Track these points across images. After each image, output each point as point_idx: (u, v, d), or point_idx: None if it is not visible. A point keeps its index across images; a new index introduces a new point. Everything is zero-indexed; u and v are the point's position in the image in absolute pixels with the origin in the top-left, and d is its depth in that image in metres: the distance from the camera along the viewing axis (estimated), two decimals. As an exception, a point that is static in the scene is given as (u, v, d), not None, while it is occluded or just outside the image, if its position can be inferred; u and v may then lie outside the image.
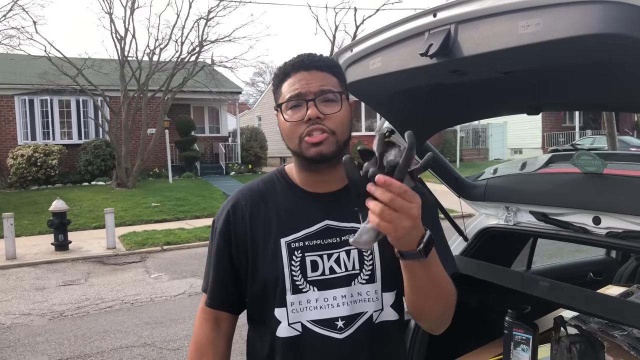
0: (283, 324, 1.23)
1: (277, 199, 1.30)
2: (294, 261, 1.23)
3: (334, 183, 1.27)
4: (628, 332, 2.01)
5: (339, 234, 1.24)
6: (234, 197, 1.34)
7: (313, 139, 1.18)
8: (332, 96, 1.21)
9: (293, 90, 1.21)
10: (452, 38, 1.26)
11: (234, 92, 21.40)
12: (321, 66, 1.24)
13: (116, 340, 5.08)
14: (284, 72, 1.26)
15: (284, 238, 1.24)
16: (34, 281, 7.57)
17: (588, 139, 22.90)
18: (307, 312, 1.22)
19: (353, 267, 1.24)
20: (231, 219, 1.29)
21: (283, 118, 1.23)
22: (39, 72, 15.99)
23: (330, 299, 1.22)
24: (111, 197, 14.47)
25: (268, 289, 1.25)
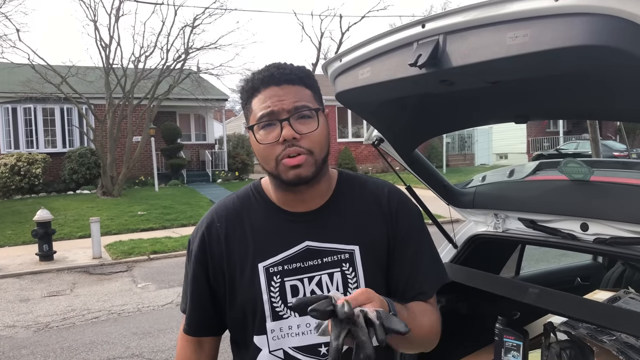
0: (264, 351, 1.17)
1: (253, 218, 1.21)
2: (272, 287, 1.16)
3: (313, 201, 1.20)
4: (616, 337, 2.03)
5: (319, 255, 1.17)
6: (208, 217, 1.25)
7: (292, 160, 1.10)
8: (308, 112, 1.12)
9: (264, 108, 1.11)
10: (440, 49, 1.28)
11: (220, 99, 21.35)
12: (293, 79, 1.13)
13: (103, 352, 5.01)
14: (253, 87, 1.15)
15: (262, 262, 1.16)
16: (18, 292, 7.45)
17: (572, 143, 23.20)
18: (288, 338, 1.16)
19: (337, 291, 1.17)
20: (206, 241, 1.21)
21: (255, 139, 1.13)
22: (22, 80, 15.83)
23: (312, 324, 1.15)
24: (97, 206, 14.32)
25: (247, 315, 1.18)
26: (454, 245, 2.27)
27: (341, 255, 1.18)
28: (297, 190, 1.16)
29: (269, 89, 1.12)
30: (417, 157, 2.15)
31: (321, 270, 1.17)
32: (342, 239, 1.18)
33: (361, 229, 1.20)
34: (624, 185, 1.64)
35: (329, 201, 1.21)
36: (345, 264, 1.18)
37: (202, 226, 1.24)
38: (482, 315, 2.17)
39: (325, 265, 1.17)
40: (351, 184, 1.26)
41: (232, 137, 22.41)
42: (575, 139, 24.56)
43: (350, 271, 1.18)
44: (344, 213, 1.21)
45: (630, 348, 1.98)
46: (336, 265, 1.17)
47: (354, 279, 1.18)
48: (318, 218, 1.19)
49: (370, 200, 1.24)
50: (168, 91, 17.12)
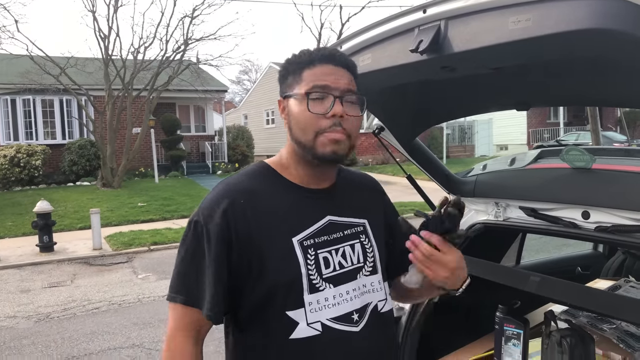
0: (301, 324, 1.17)
1: (274, 195, 1.22)
2: (309, 260, 1.18)
3: (326, 181, 1.27)
4: (617, 326, 2.03)
5: (341, 228, 1.25)
6: (225, 194, 1.20)
7: (335, 135, 1.15)
8: (356, 99, 1.20)
9: (321, 81, 1.16)
10: (442, 34, 1.26)
11: (220, 91, 21.30)
12: (349, 66, 1.22)
13: (104, 342, 5.03)
14: (309, 60, 1.19)
15: (295, 237, 1.18)
16: (19, 283, 7.46)
17: (572, 134, 23.17)
18: (325, 310, 1.18)
19: (358, 261, 1.25)
20: (230, 218, 1.16)
21: (303, 107, 1.16)
22: (21, 72, 15.77)
23: (344, 293, 1.21)
24: (96, 198, 14.33)
25: (278, 291, 1.17)
26: (454, 234, 2.26)
27: (357, 228, 1.28)
28: (323, 167, 1.23)
29: (327, 67, 1.18)
30: (418, 145, 2.14)
31: (344, 242, 1.25)
32: (354, 214, 1.29)
33: (364, 205, 1.33)
34: (625, 173, 1.63)
35: (336, 181, 1.31)
36: (362, 235, 1.28)
37: (222, 203, 1.18)
38: (483, 304, 2.17)
39: (346, 237, 1.25)
40: (341, 169, 1.36)
41: (232, 129, 22.37)
42: (575, 130, 24.52)
43: (367, 242, 1.29)
44: (349, 192, 1.32)
45: (631, 336, 1.98)
46: (355, 237, 1.27)
47: (370, 248, 1.29)
48: (334, 195, 1.28)
49: (362, 183, 1.40)
50: (167, 82, 17.07)
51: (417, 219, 1.20)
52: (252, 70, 46.65)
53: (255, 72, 44.46)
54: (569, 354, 1.72)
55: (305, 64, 1.19)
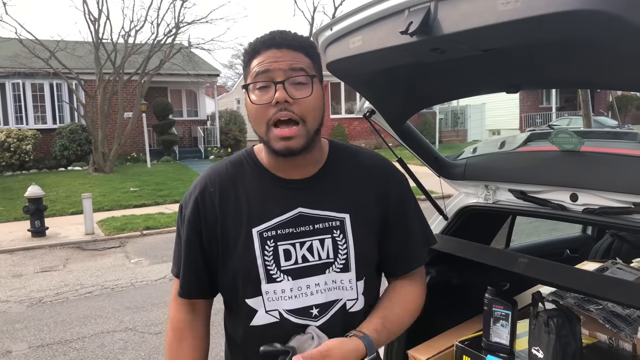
0: (260, 312, 1.20)
1: (246, 184, 1.23)
2: (266, 251, 1.19)
3: (306, 169, 1.23)
4: (603, 306, 2.06)
5: (311, 221, 1.21)
6: (201, 182, 1.26)
7: (283, 132, 1.12)
8: (303, 79, 1.14)
9: (260, 66, 1.13)
10: (432, 16, 1.26)
11: (212, 75, 21.15)
12: (294, 45, 1.15)
13: (97, 326, 5.05)
14: (254, 49, 1.16)
15: (256, 228, 1.19)
16: (11, 268, 7.45)
17: (564, 119, 23.25)
18: (282, 301, 1.19)
19: (327, 256, 1.21)
20: (200, 207, 1.22)
21: (248, 99, 1.15)
22: (10, 55, 15.58)
23: (304, 287, 1.19)
24: (88, 182, 14.27)
25: (239, 280, 1.21)
26: (444, 217, 2.28)
27: (332, 223, 1.22)
28: (285, 159, 1.19)
29: (269, 51, 1.14)
30: (409, 129, 2.14)
31: (313, 236, 1.21)
32: (333, 207, 1.22)
33: (353, 198, 1.25)
34: (613, 155, 1.64)
35: (322, 169, 1.25)
36: (336, 230, 1.22)
37: (196, 191, 1.24)
38: (472, 286, 2.19)
39: (316, 231, 1.21)
40: (342, 154, 1.30)
41: (224, 113, 22.26)
42: (567, 115, 24.60)
43: (341, 238, 1.22)
44: (337, 182, 1.25)
45: (617, 317, 2.02)
46: (327, 232, 1.21)
47: (344, 245, 1.22)
48: (311, 185, 1.23)
49: (362, 171, 1.29)
50: (159, 66, 16.93)
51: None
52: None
53: (248, 56, 43.93)
54: (556, 334, 1.74)
55: (251, 53, 1.17)
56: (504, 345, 1.97)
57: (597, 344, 2.00)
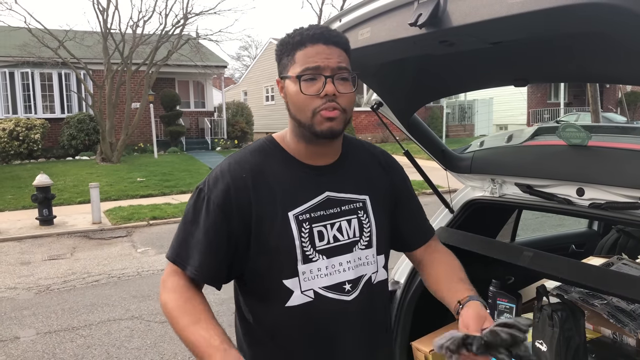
0: (295, 292, 1.26)
1: (276, 171, 1.29)
2: (303, 233, 1.26)
3: (329, 156, 1.33)
4: (607, 301, 2.06)
5: (338, 204, 1.31)
6: (230, 167, 1.28)
7: (329, 113, 1.21)
8: (347, 75, 1.24)
9: (311, 62, 1.21)
10: (441, 8, 1.26)
11: (220, 66, 21.14)
12: (339, 42, 1.25)
13: (104, 314, 5.10)
14: (300, 41, 1.23)
15: (291, 211, 1.26)
16: (19, 255, 7.53)
17: (572, 115, 23.09)
18: (318, 279, 1.27)
19: (354, 235, 1.32)
20: (232, 192, 1.24)
21: (297, 89, 1.22)
22: (19, 44, 15.64)
23: (337, 265, 1.29)
24: (96, 172, 14.35)
25: (275, 262, 1.25)
26: (450, 210, 2.28)
27: (356, 204, 1.34)
28: (322, 144, 1.29)
29: (317, 46, 1.22)
30: (416, 121, 2.15)
31: (340, 217, 1.31)
32: (355, 190, 1.35)
33: (368, 181, 1.38)
34: (621, 150, 1.64)
35: (341, 157, 1.36)
36: (360, 211, 1.34)
37: (226, 176, 1.27)
38: (477, 279, 2.20)
39: (343, 212, 1.32)
40: (351, 144, 1.42)
41: (232, 105, 22.27)
42: (576, 111, 24.43)
43: (365, 217, 1.34)
44: (353, 167, 1.37)
45: (621, 312, 2.02)
46: (353, 212, 1.33)
47: (367, 224, 1.35)
48: (334, 171, 1.33)
49: (370, 157, 1.43)
50: (167, 57, 16.94)
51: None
52: (252, 46, 46.24)
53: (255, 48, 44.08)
54: (560, 328, 1.75)
55: (297, 44, 1.23)
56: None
57: (601, 339, 2.00)
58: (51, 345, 4.40)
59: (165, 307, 1.25)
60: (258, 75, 28.09)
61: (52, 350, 4.30)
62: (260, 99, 27.82)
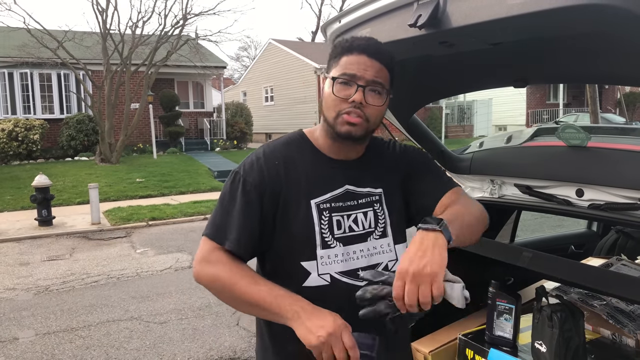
0: (313, 274, 1.34)
1: (304, 162, 1.40)
2: (323, 220, 1.36)
3: (354, 152, 1.43)
4: (607, 302, 2.07)
5: (356, 197, 1.41)
6: (264, 155, 1.40)
7: (351, 118, 1.30)
8: (381, 89, 1.32)
9: (350, 69, 1.30)
10: (440, 9, 1.26)
11: (219, 67, 21.13)
12: (383, 58, 1.32)
13: (103, 314, 5.09)
14: (349, 48, 1.32)
15: (314, 200, 1.36)
16: (18, 256, 7.52)
17: (571, 116, 23.11)
18: (334, 264, 1.36)
19: (369, 226, 1.41)
20: (265, 174, 1.36)
21: (330, 89, 1.32)
22: (18, 45, 15.62)
23: (351, 253, 1.38)
24: (95, 173, 14.33)
25: (297, 244, 1.35)
26: (450, 210, 2.28)
27: (373, 197, 1.44)
28: (343, 142, 1.37)
29: (361, 56, 1.31)
30: (415, 122, 2.15)
31: (357, 210, 1.41)
32: (372, 185, 1.44)
33: (382, 177, 1.47)
34: (620, 151, 1.64)
35: (363, 154, 1.46)
36: (377, 204, 1.44)
37: (260, 161, 1.38)
38: (476, 280, 2.20)
39: (360, 205, 1.41)
40: (378, 143, 1.53)
41: (231, 106, 22.26)
42: (574, 112, 24.45)
43: (380, 209, 1.44)
44: (372, 165, 1.47)
45: (620, 312, 2.02)
46: (369, 205, 1.43)
47: (382, 216, 1.44)
48: (355, 167, 1.43)
49: (386, 154, 1.52)
50: (166, 57, 16.93)
51: None
52: (251, 47, 46.25)
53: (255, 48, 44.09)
54: (559, 328, 1.75)
55: (345, 50, 1.32)
56: (507, 339, 1.98)
57: (600, 340, 2.00)
58: (50, 346, 4.39)
59: (216, 278, 1.31)
60: (257, 75, 28.09)
61: (51, 351, 4.29)
62: (259, 99, 27.82)
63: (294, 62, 24.55)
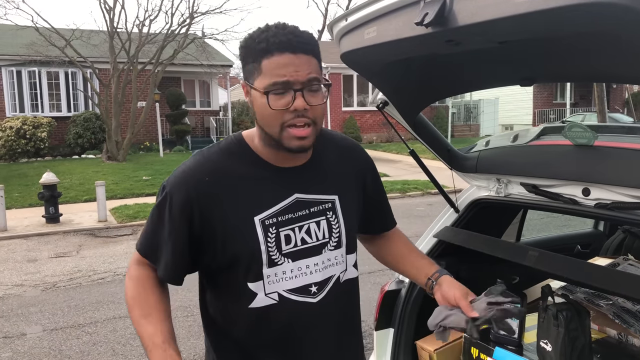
0: (259, 295, 1.24)
1: (241, 172, 1.24)
2: (269, 238, 1.23)
3: (302, 157, 1.29)
4: (613, 302, 2.06)
5: (307, 205, 1.28)
6: (192, 169, 1.24)
7: (299, 132, 1.17)
8: (317, 85, 1.18)
9: (280, 76, 1.13)
10: (447, 7, 1.26)
11: (225, 66, 21.17)
12: (308, 49, 1.17)
13: (109, 311, 5.12)
14: (266, 49, 1.14)
15: (257, 216, 1.22)
16: (26, 253, 7.57)
17: (579, 115, 22.98)
18: (282, 282, 1.25)
19: (323, 237, 1.30)
20: (192, 196, 1.20)
21: (265, 102, 1.15)
22: (26, 43, 15.71)
23: (303, 267, 1.27)
24: (102, 170, 14.40)
25: (240, 265, 1.24)
26: (455, 209, 2.28)
27: (325, 205, 1.31)
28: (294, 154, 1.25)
29: (285, 56, 1.13)
30: (422, 120, 2.15)
31: (309, 219, 1.29)
32: (324, 190, 1.32)
33: (337, 181, 1.35)
34: (627, 150, 1.64)
35: (311, 157, 1.32)
36: (329, 212, 1.32)
37: (189, 179, 1.23)
38: (482, 279, 2.20)
39: (312, 214, 1.29)
40: (323, 139, 1.35)
41: (237, 104, 22.31)
42: (582, 111, 24.32)
43: (334, 218, 1.32)
44: (323, 167, 1.34)
45: (627, 312, 2.02)
46: (322, 214, 1.31)
47: (336, 224, 1.33)
48: (303, 172, 1.29)
49: (341, 153, 1.41)
50: (173, 56, 16.98)
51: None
52: (257, 46, 46.07)
53: (261, 47, 43.89)
54: (565, 328, 1.75)
55: (262, 52, 1.14)
56: (512, 338, 1.98)
57: (606, 339, 2.00)
58: (57, 342, 4.42)
59: (125, 294, 1.30)
60: (263, 74, 28.07)
61: (59, 347, 4.33)
62: (265, 98, 27.81)
63: (300, 61, 24.49)
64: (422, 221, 8.46)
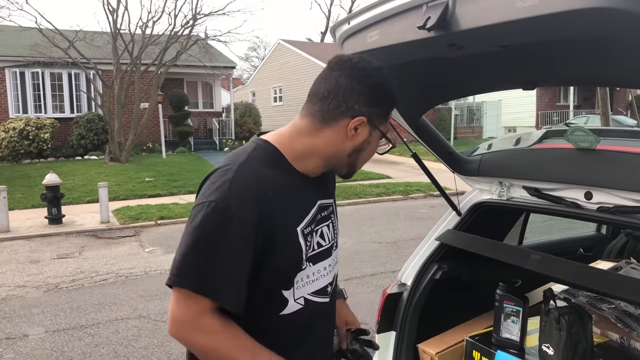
0: (290, 301, 1.25)
1: (284, 185, 1.22)
2: (307, 246, 1.25)
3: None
4: (615, 306, 2.06)
5: (322, 210, 1.34)
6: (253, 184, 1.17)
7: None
8: None
9: (386, 129, 1.31)
10: (450, 11, 1.26)
11: (228, 67, 21.20)
12: None
13: (111, 312, 5.13)
14: (394, 103, 1.32)
15: (299, 226, 1.23)
16: (28, 254, 7.58)
17: (582, 118, 22.95)
18: (307, 286, 1.29)
19: (332, 238, 1.38)
20: (259, 210, 1.14)
21: (375, 145, 1.31)
22: (30, 44, 15.77)
23: (321, 270, 1.32)
24: (104, 172, 14.43)
25: (281, 276, 1.22)
26: (457, 212, 2.28)
27: (330, 208, 1.41)
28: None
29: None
30: (424, 123, 2.15)
31: (323, 223, 1.35)
32: (329, 195, 1.42)
33: (330, 185, 1.46)
34: (629, 154, 1.64)
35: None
36: (332, 215, 1.41)
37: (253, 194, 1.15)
38: (484, 282, 2.20)
39: (324, 218, 1.36)
40: None
41: (239, 106, 22.34)
42: (585, 114, 24.28)
43: (335, 219, 1.42)
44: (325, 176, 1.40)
45: (629, 316, 2.01)
46: (329, 217, 1.39)
47: (336, 225, 1.43)
48: (323, 181, 1.37)
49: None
50: (176, 57, 17.01)
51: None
52: (260, 47, 46.35)
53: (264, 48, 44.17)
54: (567, 331, 1.75)
55: (393, 104, 1.31)
56: (514, 341, 1.98)
57: (608, 343, 2.00)
58: (59, 343, 4.43)
59: (212, 349, 1.16)
60: (266, 76, 28.14)
61: (61, 348, 4.33)
62: (268, 99, 27.87)
63: (303, 63, 24.58)
64: (424, 223, 8.46)
